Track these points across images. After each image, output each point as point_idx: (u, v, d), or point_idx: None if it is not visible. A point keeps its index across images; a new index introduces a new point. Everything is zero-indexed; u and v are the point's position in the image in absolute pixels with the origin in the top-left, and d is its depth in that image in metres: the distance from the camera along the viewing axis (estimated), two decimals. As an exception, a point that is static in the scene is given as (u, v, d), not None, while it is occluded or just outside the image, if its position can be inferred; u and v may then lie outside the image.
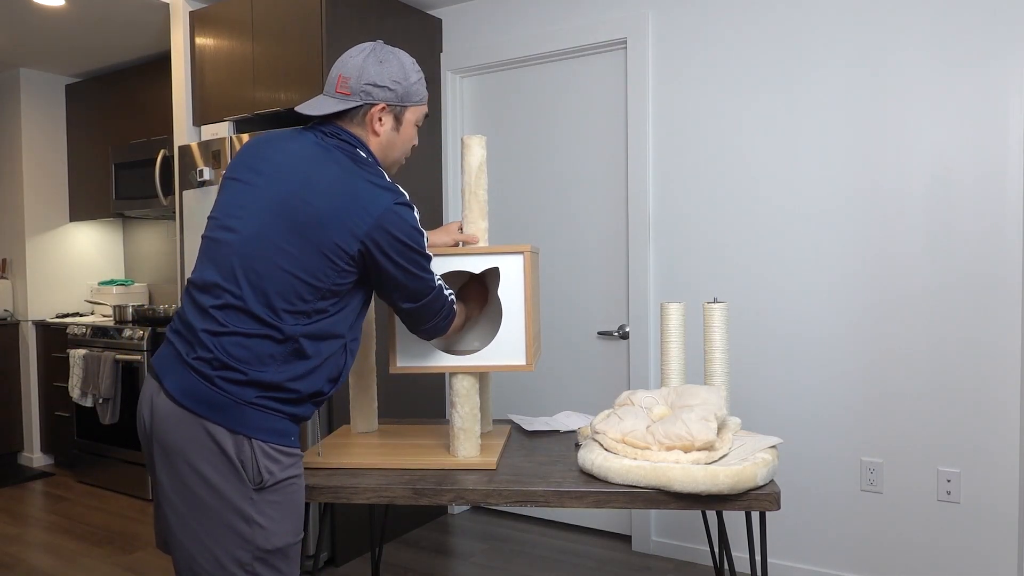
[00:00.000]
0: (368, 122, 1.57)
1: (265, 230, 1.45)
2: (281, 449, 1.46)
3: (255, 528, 1.43)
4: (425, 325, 1.62)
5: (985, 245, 2.42)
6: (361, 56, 1.55)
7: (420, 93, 1.61)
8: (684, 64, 2.96)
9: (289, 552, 1.49)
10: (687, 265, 2.98)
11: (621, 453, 1.65)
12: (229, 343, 1.43)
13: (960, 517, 2.49)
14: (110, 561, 3.10)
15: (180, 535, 1.45)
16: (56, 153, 4.71)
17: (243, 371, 1.43)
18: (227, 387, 1.43)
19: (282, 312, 1.44)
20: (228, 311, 1.44)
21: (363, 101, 1.54)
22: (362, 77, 1.54)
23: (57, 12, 3.58)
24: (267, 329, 1.44)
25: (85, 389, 4.01)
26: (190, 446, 1.42)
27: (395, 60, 1.57)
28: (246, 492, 1.43)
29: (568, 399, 3.38)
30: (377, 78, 1.54)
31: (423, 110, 1.64)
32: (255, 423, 1.43)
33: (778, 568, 2.82)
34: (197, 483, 1.42)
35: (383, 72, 1.55)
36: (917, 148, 2.52)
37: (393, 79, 1.56)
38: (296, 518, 1.50)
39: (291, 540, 1.49)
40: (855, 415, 2.66)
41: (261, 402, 1.44)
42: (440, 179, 3.60)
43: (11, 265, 4.66)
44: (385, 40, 3.26)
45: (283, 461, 1.47)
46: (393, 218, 1.47)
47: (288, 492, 1.48)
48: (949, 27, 2.45)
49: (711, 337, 1.92)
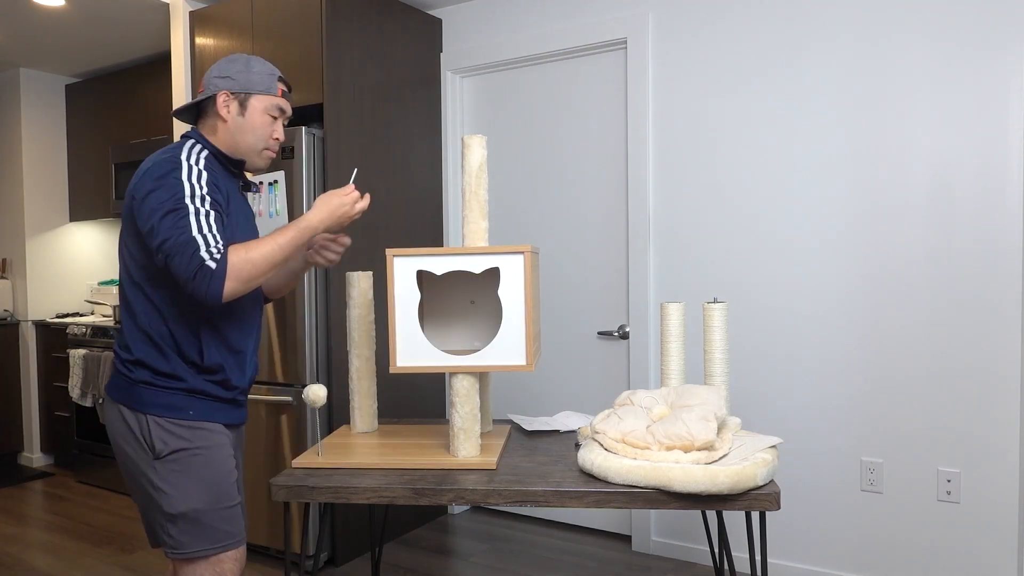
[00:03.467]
0: (217, 110, 1.72)
1: (121, 231, 1.69)
2: (175, 422, 1.63)
3: (159, 493, 1.63)
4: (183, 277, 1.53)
5: (985, 246, 2.42)
6: (217, 63, 1.77)
7: (265, 84, 1.74)
8: (684, 64, 2.96)
9: (201, 519, 1.62)
10: (687, 265, 2.98)
11: (621, 453, 1.65)
12: (124, 330, 1.67)
13: (960, 517, 2.49)
14: (110, 561, 3.10)
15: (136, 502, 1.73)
16: (56, 153, 4.71)
17: (133, 354, 1.65)
18: (124, 370, 1.66)
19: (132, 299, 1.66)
20: (119, 304, 1.71)
21: (210, 93, 1.73)
22: (211, 74, 1.75)
23: (57, 12, 3.58)
24: (132, 316, 1.65)
25: (85, 389, 4.01)
26: (113, 427, 1.68)
27: (242, 59, 1.75)
28: (148, 460, 1.63)
29: (568, 399, 3.38)
30: (221, 72, 1.74)
31: (273, 100, 1.75)
32: (148, 400, 1.63)
33: (778, 568, 2.82)
34: (122, 456, 1.68)
35: (227, 67, 1.74)
36: (917, 148, 2.52)
37: (236, 70, 1.73)
38: (202, 487, 1.63)
39: (197, 506, 1.62)
40: (855, 415, 2.66)
41: (154, 380, 1.63)
42: (440, 179, 3.60)
43: (11, 265, 4.66)
44: (385, 40, 3.26)
45: (177, 432, 1.63)
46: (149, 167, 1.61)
47: (187, 462, 1.63)
48: (949, 28, 2.45)
49: (711, 337, 1.93)
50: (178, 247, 1.52)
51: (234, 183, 1.78)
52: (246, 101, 1.73)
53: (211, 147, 1.72)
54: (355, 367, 2.08)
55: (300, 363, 2.94)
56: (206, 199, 1.57)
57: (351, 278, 2.10)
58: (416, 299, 1.79)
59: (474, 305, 2.03)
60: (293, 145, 2.92)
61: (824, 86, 2.67)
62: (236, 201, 1.74)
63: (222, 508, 1.65)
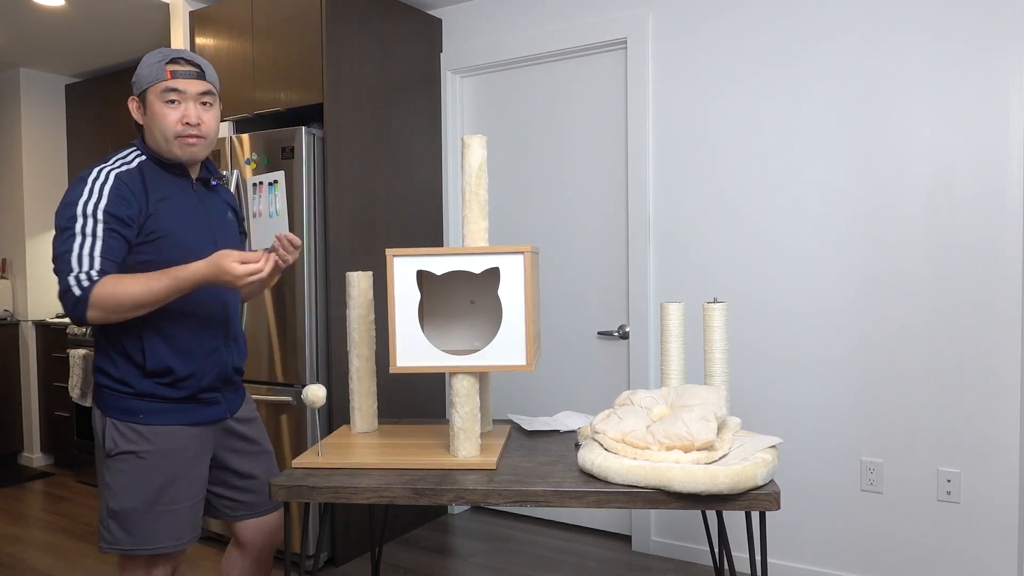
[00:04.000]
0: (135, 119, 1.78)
1: None
2: (128, 425, 1.70)
3: (106, 488, 1.72)
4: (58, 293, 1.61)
5: (985, 246, 2.42)
6: None
7: (153, 73, 1.70)
8: (684, 64, 2.96)
9: (137, 519, 1.69)
10: (687, 265, 2.98)
11: (621, 453, 1.65)
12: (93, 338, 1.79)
13: (960, 517, 2.49)
14: (110, 561, 3.10)
15: None
16: (56, 153, 4.71)
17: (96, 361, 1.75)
18: (94, 374, 1.77)
19: None
20: None
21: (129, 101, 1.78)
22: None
23: (57, 12, 3.58)
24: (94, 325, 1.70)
25: (85, 389, 4.01)
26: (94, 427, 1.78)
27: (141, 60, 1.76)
28: (102, 457, 1.73)
29: (568, 399, 3.38)
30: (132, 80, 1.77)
31: (162, 84, 1.70)
32: (107, 403, 1.72)
33: (778, 568, 2.82)
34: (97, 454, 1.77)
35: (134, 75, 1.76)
36: (917, 149, 2.52)
37: (135, 75, 1.74)
38: (141, 490, 1.69)
39: (135, 506, 1.69)
40: (855, 415, 2.66)
41: (110, 385, 1.72)
42: (440, 179, 3.60)
43: (11, 265, 4.66)
44: (385, 40, 3.26)
45: (128, 435, 1.70)
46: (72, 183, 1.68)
47: (133, 463, 1.69)
48: (949, 28, 2.45)
49: (711, 337, 1.92)
50: (59, 265, 1.59)
51: (180, 183, 1.77)
52: (144, 97, 1.72)
53: (149, 153, 1.74)
54: (355, 367, 2.08)
55: (300, 363, 2.94)
56: (98, 224, 1.60)
57: (351, 278, 2.10)
58: (416, 299, 1.79)
59: (474, 305, 2.03)
60: (293, 145, 2.92)
61: (824, 85, 2.67)
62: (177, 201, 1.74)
63: (161, 512, 1.71)
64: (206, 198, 1.83)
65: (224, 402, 1.84)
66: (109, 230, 1.61)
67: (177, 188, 1.76)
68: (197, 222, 1.77)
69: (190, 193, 1.79)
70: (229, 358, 1.83)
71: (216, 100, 1.78)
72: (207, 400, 1.79)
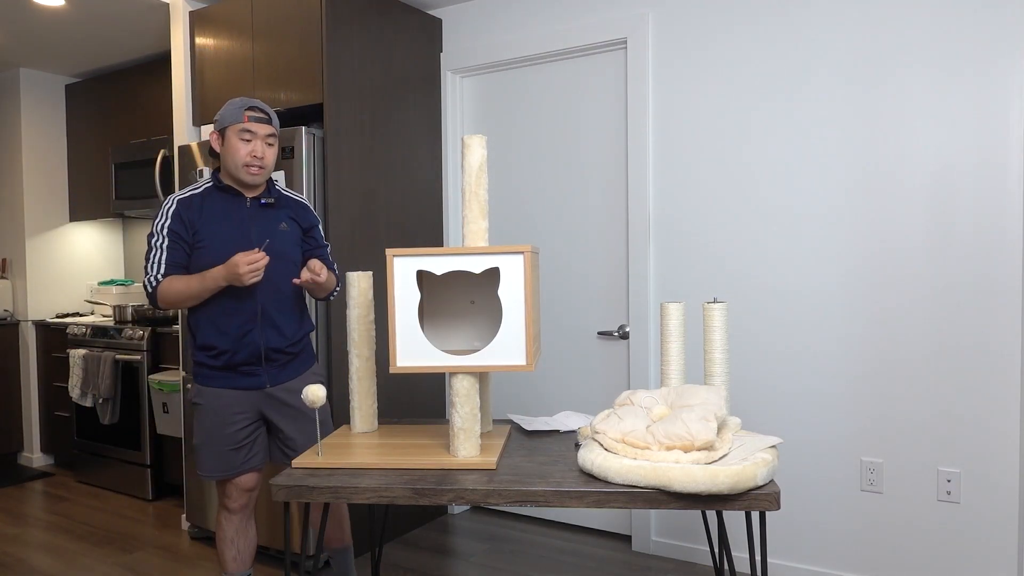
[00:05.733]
0: (213, 148, 2.29)
1: None
2: (196, 384, 2.29)
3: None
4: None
5: (985, 246, 2.42)
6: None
7: (234, 115, 2.21)
8: (684, 64, 2.96)
9: (201, 453, 2.27)
10: (687, 265, 2.98)
11: (621, 453, 1.65)
12: None
13: (960, 517, 2.49)
14: (110, 561, 3.10)
15: None
16: (56, 153, 4.71)
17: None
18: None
19: None
20: None
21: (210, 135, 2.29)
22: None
23: (57, 12, 3.58)
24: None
25: (85, 389, 4.01)
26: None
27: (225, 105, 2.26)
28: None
29: (568, 399, 3.38)
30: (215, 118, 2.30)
31: (240, 126, 2.21)
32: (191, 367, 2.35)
33: (778, 568, 2.82)
34: None
35: (217, 115, 2.27)
36: (917, 148, 2.52)
37: (218, 114, 2.25)
38: (201, 432, 2.27)
39: (198, 443, 2.28)
40: (855, 415, 2.66)
41: (192, 354, 2.30)
42: (440, 179, 3.60)
43: (11, 265, 4.66)
44: (385, 40, 3.26)
45: (194, 391, 2.30)
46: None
47: (197, 412, 2.29)
48: (949, 27, 2.45)
49: (711, 337, 1.93)
50: (145, 267, 2.22)
51: (234, 202, 2.27)
52: (224, 133, 2.23)
53: (216, 179, 2.28)
54: (355, 367, 2.08)
55: (300, 363, 2.94)
56: (164, 239, 2.19)
57: (351, 278, 2.10)
58: (416, 299, 1.79)
59: (474, 305, 2.03)
60: (293, 145, 2.92)
61: (824, 84, 2.67)
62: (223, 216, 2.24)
63: (212, 449, 2.25)
64: (259, 213, 2.29)
65: (264, 375, 2.27)
66: (172, 243, 2.20)
67: (228, 207, 2.26)
68: (238, 234, 2.24)
69: (243, 210, 2.27)
70: (263, 340, 2.24)
71: (276, 141, 2.28)
72: (245, 371, 2.25)
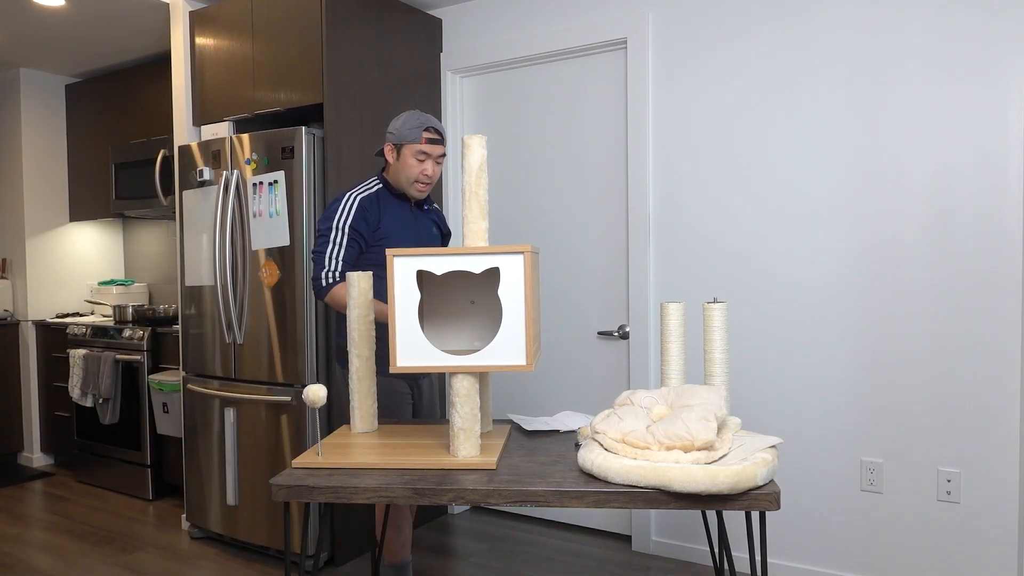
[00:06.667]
0: (386, 156, 2.44)
1: None
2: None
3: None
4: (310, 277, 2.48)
5: (985, 245, 2.42)
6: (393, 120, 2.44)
7: (412, 135, 2.34)
8: (684, 64, 2.96)
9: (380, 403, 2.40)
10: (687, 265, 2.98)
11: (621, 453, 1.65)
12: None
13: (960, 517, 2.49)
14: (110, 561, 3.10)
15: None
16: (56, 153, 4.71)
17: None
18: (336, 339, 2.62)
19: None
20: None
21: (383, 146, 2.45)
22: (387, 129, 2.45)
23: (57, 12, 3.58)
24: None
25: (85, 389, 4.01)
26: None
27: (403, 116, 2.38)
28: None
29: (568, 399, 3.38)
30: (389, 128, 2.42)
31: (418, 147, 2.35)
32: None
33: (778, 568, 2.82)
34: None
35: (393, 124, 2.40)
36: (917, 148, 2.52)
37: (396, 126, 2.38)
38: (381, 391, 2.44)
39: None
40: (855, 415, 2.66)
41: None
42: (440, 179, 3.60)
43: (11, 265, 4.66)
44: (385, 40, 3.26)
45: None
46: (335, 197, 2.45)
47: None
48: (949, 28, 2.45)
49: (711, 337, 1.93)
50: (316, 259, 2.35)
51: (402, 205, 2.46)
52: (400, 148, 2.38)
53: (385, 182, 2.46)
54: (355, 367, 2.08)
55: (300, 363, 2.94)
56: (344, 236, 2.34)
57: (351, 278, 2.10)
58: (416, 299, 1.79)
59: (474, 305, 2.03)
60: (293, 145, 2.92)
61: (824, 84, 2.67)
62: (398, 217, 2.43)
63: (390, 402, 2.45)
64: (419, 216, 2.51)
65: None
66: (351, 240, 2.34)
67: (400, 209, 2.45)
68: (410, 233, 2.45)
69: (408, 213, 2.47)
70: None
71: (444, 159, 2.47)
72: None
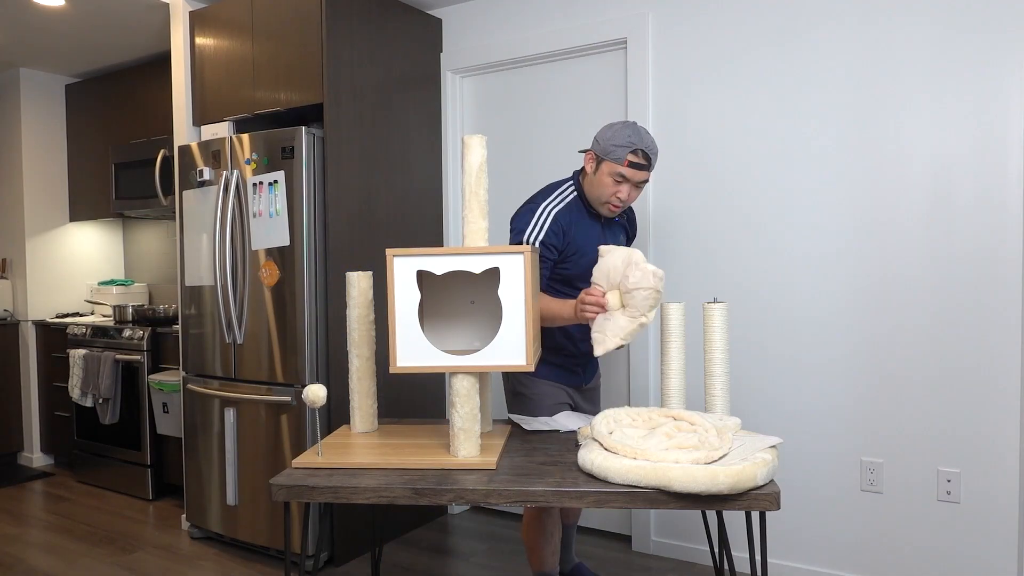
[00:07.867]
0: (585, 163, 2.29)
1: None
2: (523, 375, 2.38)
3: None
4: None
5: (985, 246, 2.42)
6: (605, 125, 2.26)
7: (616, 154, 2.16)
8: (684, 64, 2.96)
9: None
10: (687, 265, 2.98)
11: (621, 453, 1.65)
12: None
13: (960, 517, 2.49)
14: (110, 561, 3.10)
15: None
16: (56, 153, 4.71)
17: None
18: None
19: None
20: None
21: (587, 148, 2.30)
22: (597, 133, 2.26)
23: (57, 12, 3.58)
24: None
25: (85, 389, 4.01)
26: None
27: (615, 127, 2.20)
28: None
29: (568, 399, 3.37)
30: (598, 134, 2.23)
31: (617, 168, 2.17)
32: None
33: (778, 568, 2.82)
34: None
35: (602, 131, 2.22)
36: (917, 149, 2.52)
37: (603, 136, 2.20)
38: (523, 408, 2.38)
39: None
40: (855, 415, 2.66)
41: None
42: (440, 179, 3.60)
43: (11, 265, 4.66)
44: (385, 40, 3.26)
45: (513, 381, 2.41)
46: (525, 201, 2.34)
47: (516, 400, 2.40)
48: (949, 28, 2.45)
49: (711, 337, 1.93)
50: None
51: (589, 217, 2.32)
52: (600, 163, 2.21)
53: (579, 189, 2.32)
54: (355, 367, 2.08)
55: (300, 363, 2.94)
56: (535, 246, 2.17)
57: (351, 278, 2.10)
58: (416, 299, 1.79)
59: (474, 305, 2.03)
60: (293, 145, 2.92)
61: (824, 84, 2.67)
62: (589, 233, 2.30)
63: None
64: (608, 227, 2.39)
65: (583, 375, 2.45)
66: (542, 258, 2.22)
67: (590, 220, 2.32)
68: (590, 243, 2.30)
69: (597, 224, 2.34)
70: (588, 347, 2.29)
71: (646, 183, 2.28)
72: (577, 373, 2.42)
